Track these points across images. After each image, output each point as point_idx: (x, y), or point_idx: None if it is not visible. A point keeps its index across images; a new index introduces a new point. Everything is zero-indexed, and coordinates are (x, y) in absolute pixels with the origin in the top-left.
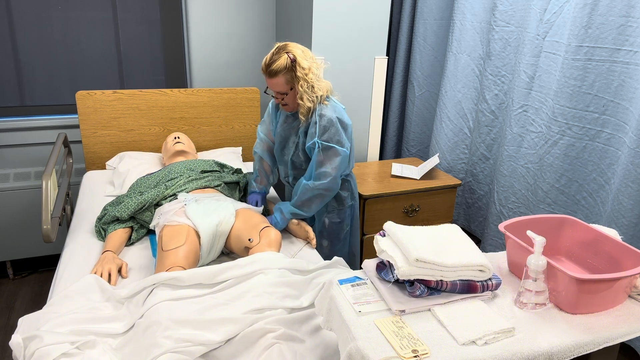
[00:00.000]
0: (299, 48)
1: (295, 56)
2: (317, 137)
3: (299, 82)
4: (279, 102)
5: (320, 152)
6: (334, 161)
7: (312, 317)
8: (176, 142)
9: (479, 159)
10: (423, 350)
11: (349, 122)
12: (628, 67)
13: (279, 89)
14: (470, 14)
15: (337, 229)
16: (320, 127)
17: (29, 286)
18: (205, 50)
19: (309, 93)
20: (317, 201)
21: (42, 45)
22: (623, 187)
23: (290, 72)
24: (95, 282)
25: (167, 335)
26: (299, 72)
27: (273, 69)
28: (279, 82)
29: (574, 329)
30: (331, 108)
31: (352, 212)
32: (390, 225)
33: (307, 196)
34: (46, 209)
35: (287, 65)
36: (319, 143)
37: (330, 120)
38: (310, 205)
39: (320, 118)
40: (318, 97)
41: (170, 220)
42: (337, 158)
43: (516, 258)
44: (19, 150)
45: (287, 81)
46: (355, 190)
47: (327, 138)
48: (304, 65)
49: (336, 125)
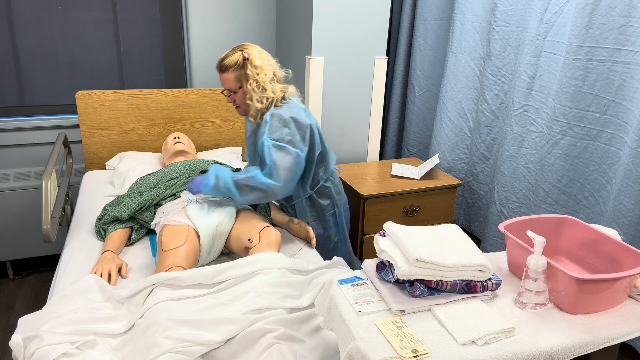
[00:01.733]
0: (256, 49)
1: (249, 54)
2: (267, 135)
3: (249, 81)
4: (230, 101)
5: (270, 151)
6: (285, 163)
7: (312, 317)
8: (176, 142)
9: (479, 159)
10: (423, 350)
11: (308, 123)
12: (629, 67)
13: (228, 86)
14: (471, 14)
15: (323, 241)
16: (270, 125)
17: (29, 286)
18: (205, 50)
19: (258, 93)
20: (256, 195)
21: (42, 45)
22: (624, 187)
23: (240, 70)
24: (95, 282)
25: (167, 335)
26: (249, 70)
27: (224, 64)
28: (229, 78)
29: (574, 329)
30: (286, 108)
31: (337, 220)
32: (390, 225)
33: (251, 184)
34: (46, 209)
35: (238, 62)
36: (267, 141)
37: (282, 119)
38: (247, 195)
39: (271, 117)
40: (269, 98)
41: (171, 220)
42: (289, 159)
43: (516, 258)
44: (19, 150)
45: (237, 78)
46: (337, 197)
47: (278, 137)
48: (256, 63)
49: (289, 126)
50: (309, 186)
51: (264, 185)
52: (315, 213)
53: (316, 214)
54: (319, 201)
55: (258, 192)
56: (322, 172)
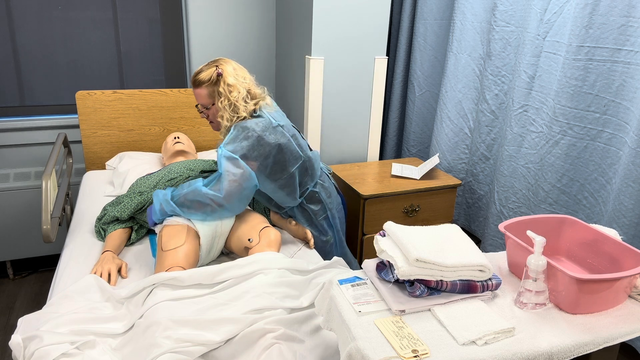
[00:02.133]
0: (231, 65)
1: (223, 70)
2: (222, 143)
3: (220, 99)
4: (203, 117)
5: (221, 160)
6: (232, 176)
7: (312, 317)
8: (176, 142)
9: (479, 159)
10: (423, 350)
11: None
12: (629, 67)
13: (201, 101)
14: (471, 14)
15: (320, 244)
16: (231, 135)
17: (29, 286)
18: (205, 50)
19: (228, 112)
20: (202, 210)
21: (42, 45)
22: (624, 186)
23: (213, 86)
24: (95, 282)
25: (167, 335)
26: (221, 88)
27: (197, 79)
28: (202, 94)
29: (574, 329)
30: (254, 121)
31: (331, 222)
32: (390, 225)
33: (193, 198)
34: (46, 209)
35: (211, 78)
36: (221, 150)
37: (244, 132)
38: (190, 210)
39: (234, 127)
40: (240, 117)
41: (170, 220)
42: (237, 172)
43: (516, 258)
44: (19, 150)
45: (209, 94)
46: (328, 200)
47: (233, 149)
48: (229, 81)
49: (249, 140)
50: (297, 196)
51: (205, 197)
52: (307, 218)
53: (309, 219)
54: (310, 207)
55: (202, 206)
56: (309, 179)
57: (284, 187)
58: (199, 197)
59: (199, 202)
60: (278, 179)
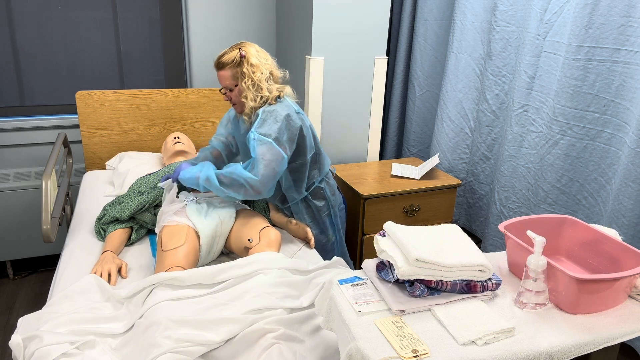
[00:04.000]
0: (254, 47)
1: (246, 52)
2: (254, 128)
3: (244, 79)
4: (226, 99)
5: (255, 144)
6: (268, 158)
7: (312, 317)
8: (176, 142)
9: (479, 158)
10: (423, 350)
11: (298, 124)
12: (629, 67)
13: (225, 83)
14: (471, 14)
15: (321, 241)
16: (260, 119)
17: (29, 286)
18: (205, 50)
19: (252, 92)
20: (238, 191)
21: (42, 45)
22: (624, 187)
23: (237, 67)
24: (95, 282)
25: (167, 335)
26: (245, 68)
27: (221, 61)
28: (225, 76)
29: (574, 329)
30: (279, 106)
31: (333, 220)
32: (390, 225)
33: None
34: (46, 209)
35: (235, 60)
36: (253, 134)
37: (273, 116)
38: (228, 189)
39: (262, 112)
40: (264, 97)
41: (170, 220)
42: (271, 156)
43: (516, 258)
44: (19, 150)
45: (233, 76)
46: (332, 198)
47: (265, 132)
48: (252, 62)
49: (279, 123)
50: (304, 188)
51: (242, 178)
52: (311, 214)
53: (312, 215)
54: (314, 202)
55: (237, 186)
56: (317, 174)
57: (294, 172)
58: (237, 177)
59: (236, 181)
60: (292, 162)
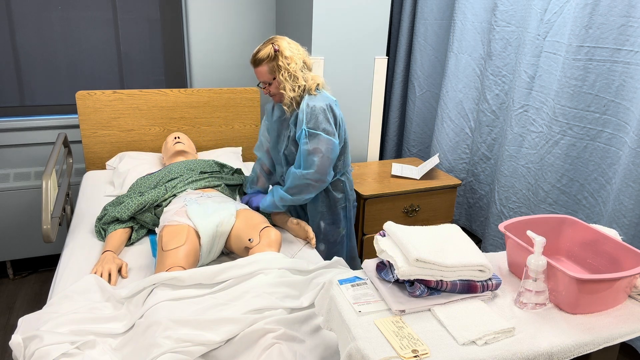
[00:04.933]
0: (285, 40)
1: (279, 46)
2: (304, 124)
3: (281, 72)
4: (266, 92)
5: (307, 139)
6: (321, 149)
7: (312, 317)
8: (176, 142)
9: (480, 158)
10: (423, 350)
11: (339, 114)
12: (629, 67)
13: (263, 78)
14: (471, 14)
15: (332, 233)
16: (307, 114)
17: (29, 286)
18: (205, 50)
19: (290, 83)
20: (307, 191)
21: (42, 45)
22: (624, 187)
23: (272, 61)
24: (95, 282)
25: (167, 335)
26: (280, 62)
27: (257, 58)
28: (263, 71)
29: (574, 329)
30: (320, 98)
31: (346, 214)
32: (390, 225)
33: (294, 184)
34: (46, 209)
35: (270, 55)
36: (305, 130)
37: (317, 108)
38: (300, 195)
39: (307, 106)
40: (301, 86)
41: (171, 220)
42: (324, 146)
43: (516, 258)
44: (19, 150)
45: (270, 70)
46: (350, 192)
47: (314, 125)
48: (286, 54)
49: (324, 114)
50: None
51: (303, 179)
52: (328, 204)
53: (329, 205)
54: (333, 194)
55: (306, 188)
56: (341, 165)
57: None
58: (299, 182)
59: (301, 185)
60: None
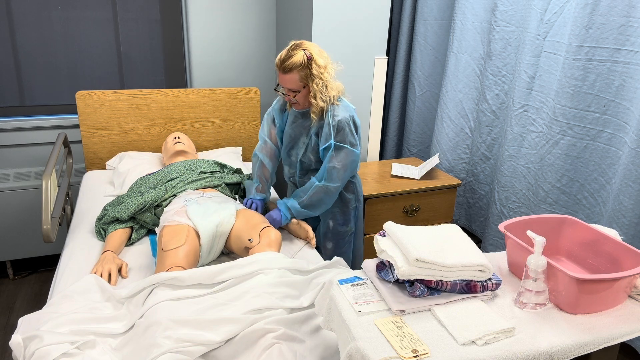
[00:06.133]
0: (315, 47)
1: (312, 54)
2: (332, 138)
3: (314, 80)
4: (289, 99)
5: (333, 153)
6: (345, 162)
7: (312, 317)
8: (176, 142)
9: (480, 158)
10: (423, 350)
11: (359, 124)
12: (629, 67)
13: (291, 86)
14: (471, 14)
15: (341, 231)
16: (333, 128)
17: (29, 286)
18: (205, 50)
19: (322, 92)
20: (326, 201)
21: (42, 45)
22: (624, 187)
23: (305, 70)
24: (95, 282)
25: (167, 335)
26: (314, 70)
27: (288, 65)
28: (293, 79)
29: (574, 329)
30: (343, 108)
31: (356, 214)
32: (390, 225)
33: (318, 197)
34: (46, 209)
35: (302, 62)
36: (333, 144)
37: (344, 121)
38: (319, 206)
39: (333, 118)
40: (331, 97)
41: (171, 220)
42: (348, 159)
43: (516, 258)
44: (19, 150)
45: (301, 78)
46: (360, 192)
47: (340, 139)
48: (320, 63)
49: (350, 126)
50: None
51: (327, 190)
52: (340, 205)
53: (340, 206)
54: (345, 195)
55: (326, 198)
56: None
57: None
58: (323, 194)
59: (323, 196)
60: None
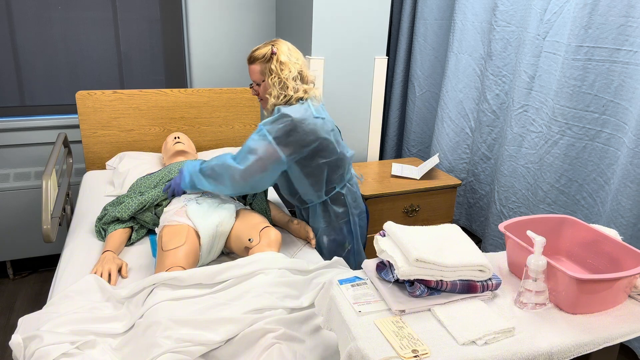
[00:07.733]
0: (287, 45)
1: (278, 49)
2: (263, 122)
3: (271, 75)
4: (253, 93)
5: (255, 136)
6: (261, 153)
7: (312, 317)
8: (176, 142)
9: (480, 158)
10: (423, 350)
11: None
12: (628, 67)
13: (253, 78)
14: (471, 14)
15: (336, 248)
16: (273, 117)
17: (29, 286)
18: (205, 50)
19: (277, 89)
20: (224, 181)
21: (42, 45)
22: (622, 187)
23: (266, 63)
24: (95, 282)
25: (167, 335)
26: (273, 65)
27: (252, 55)
28: (255, 70)
29: (574, 329)
30: (296, 108)
31: (351, 228)
32: (390, 225)
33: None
34: (46, 209)
35: (265, 56)
36: (261, 127)
37: (284, 115)
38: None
39: (277, 110)
40: (287, 95)
41: (171, 220)
42: (263, 153)
43: (516, 258)
44: (19, 150)
45: (262, 71)
46: (354, 204)
47: (270, 129)
48: (282, 59)
49: (288, 124)
50: (323, 192)
51: (225, 165)
52: (327, 219)
53: (328, 220)
54: (333, 208)
55: (220, 176)
56: (338, 179)
57: (310, 175)
58: (222, 169)
59: (221, 173)
60: (306, 166)
